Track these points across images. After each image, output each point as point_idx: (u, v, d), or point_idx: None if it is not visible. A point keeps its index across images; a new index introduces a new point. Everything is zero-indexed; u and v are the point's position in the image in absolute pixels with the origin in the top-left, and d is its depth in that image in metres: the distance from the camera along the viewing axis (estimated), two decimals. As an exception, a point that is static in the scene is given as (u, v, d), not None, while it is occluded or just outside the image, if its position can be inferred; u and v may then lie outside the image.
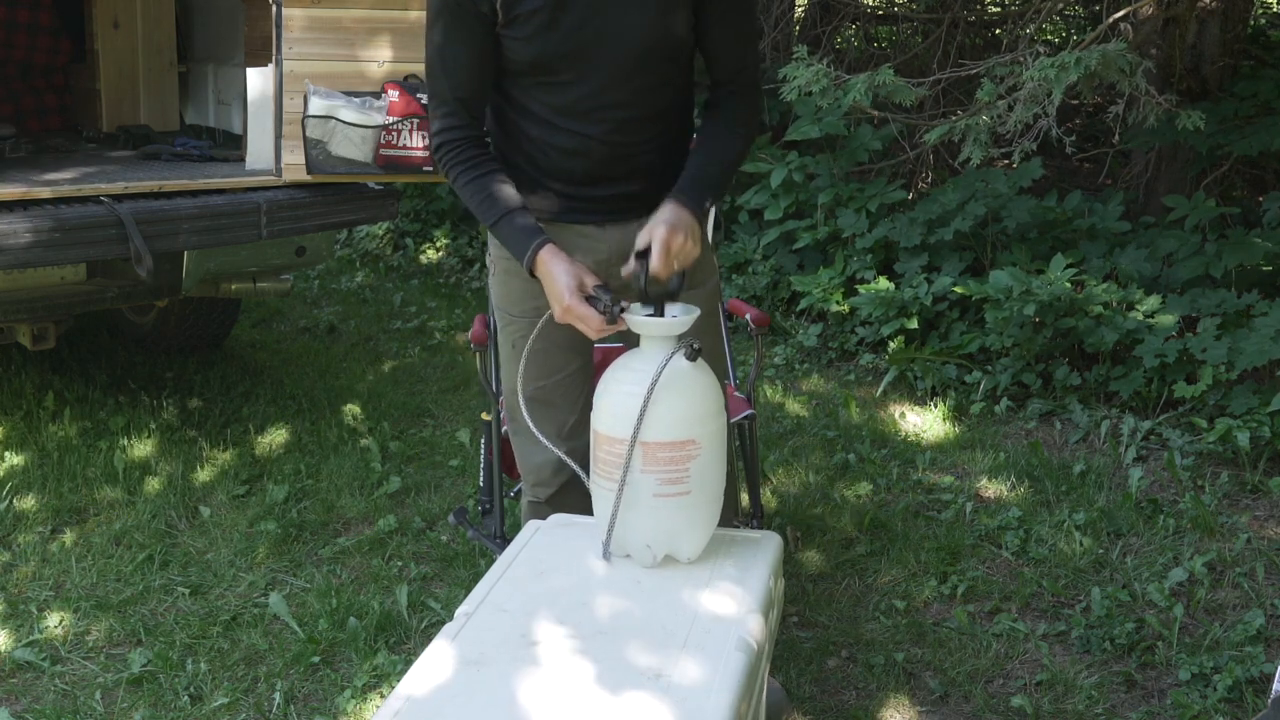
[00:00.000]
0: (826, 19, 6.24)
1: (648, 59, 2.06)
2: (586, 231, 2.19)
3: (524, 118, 2.13)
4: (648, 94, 2.10)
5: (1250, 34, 5.63)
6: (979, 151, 3.87)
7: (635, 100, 2.09)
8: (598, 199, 2.16)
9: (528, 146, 2.15)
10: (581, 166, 2.14)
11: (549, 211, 2.17)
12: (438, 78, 2.10)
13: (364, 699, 2.56)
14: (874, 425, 4.05)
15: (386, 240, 6.60)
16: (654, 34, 2.04)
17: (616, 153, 2.12)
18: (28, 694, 2.58)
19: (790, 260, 5.17)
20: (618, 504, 1.86)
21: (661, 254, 1.93)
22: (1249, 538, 3.18)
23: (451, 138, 2.10)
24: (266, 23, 3.38)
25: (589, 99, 2.07)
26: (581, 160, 2.13)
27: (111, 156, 4.01)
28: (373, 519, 3.38)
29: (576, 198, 2.17)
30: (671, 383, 1.86)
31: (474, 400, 4.27)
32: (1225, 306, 4.02)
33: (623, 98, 2.08)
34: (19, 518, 3.32)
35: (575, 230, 2.18)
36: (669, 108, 2.15)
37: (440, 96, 2.11)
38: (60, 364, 4.46)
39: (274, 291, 3.95)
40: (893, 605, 2.93)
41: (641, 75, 2.07)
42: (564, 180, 2.16)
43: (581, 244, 2.17)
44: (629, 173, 2.15)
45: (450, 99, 2.09)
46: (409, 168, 3.38)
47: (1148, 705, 2.54)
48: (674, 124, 2.18)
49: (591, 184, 2.15)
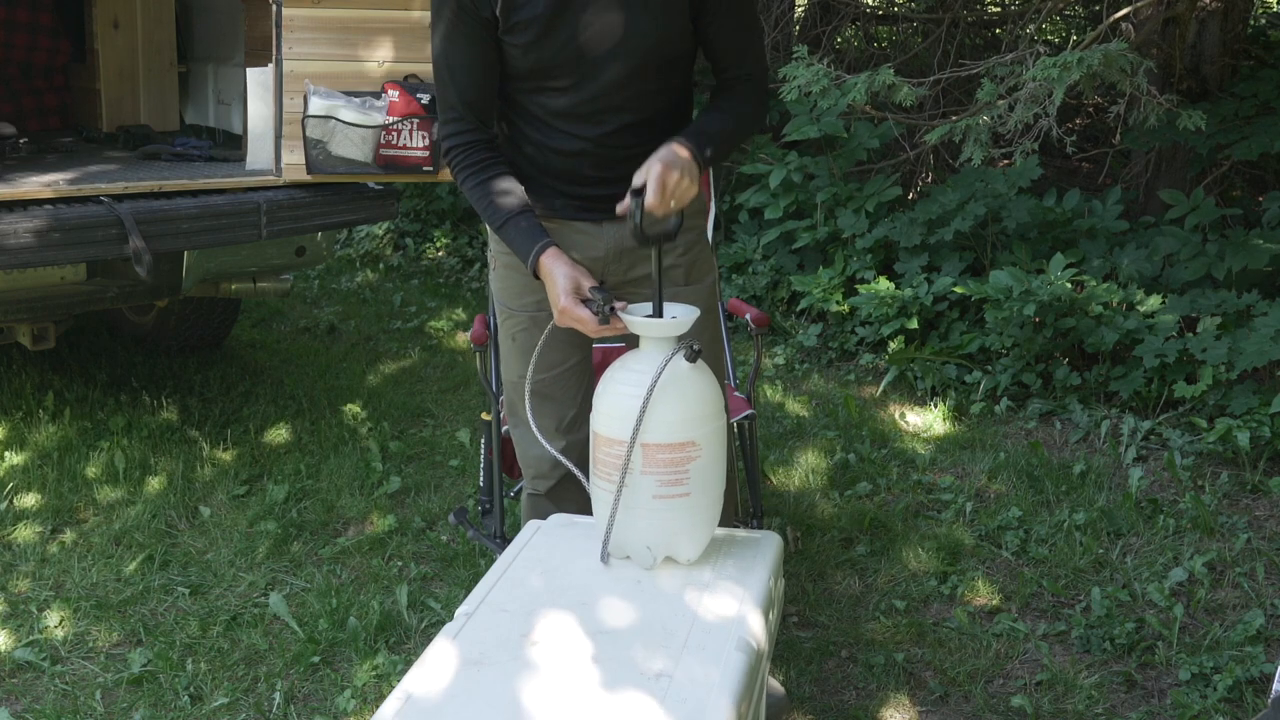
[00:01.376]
0: (826, 19, 6.24)
1: (646, 64, 2.07)
2: (585, 229, 2.21)
3: (524, 119, 2.15)
4: (646, 98, 2.11)
5: (1250, 34, 5.63)
6: (980, 152, 3.87)
7: (633, 105, 2.10)
8: (596, 198, 2.17)
9: (528, 147, 2.18)
10: (579, 168, 2.16)
11: (549, 209, 2.19)
12: (444, 83, 2.11)
13: (364, 699, 2.56)
14: (874, 425, 4.05)
15: (386, 240, 6.60)
16: (652, 39, 2.04)
17: (614, 155, 2.13)
18: (28, 694, 2.58)
19: (790, 260, 5.17)
20: (616, 506, 1.86)
21: (658, 190, 1.92)
22: (1249, 538, 3.18)
23: (458, 142, 2.12)
24: (266, 23, 3.38)
25: (587, 104, 2.09)
26: (579, 162, 2.15)
27: (111, 156, 4.01)
28: (373, 519, 3.38)
29: (575, 197, 2.19)
30: (671, 384, 1.85)
31: (474, 400, 4.27)
32: (1225, 306, 4.02)
33: (620, 102, 2.09)
34: (19, 518, 3.32)
35: (574, 227, 2.20)
36: (668, 110, 2.16)
37: (447, 101, 2.12)
38: (60, 364, 4.46)
39: (274, 291, 3.95)
40: (893, 605, 2.93)
41: (639, 80, 2.08)
42: (563, 180, 2.18)
43: (580, 241, 2.20)
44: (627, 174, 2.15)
45: (457, 103, 2.10)
46: (409, 168, 3.38)
47: (1148, 705, 2.54)
48: (672, 127, 2.18)
49: (589, 184, 2.17)
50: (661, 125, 2.14)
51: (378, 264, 6.32)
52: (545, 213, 2.18)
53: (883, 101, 4.21)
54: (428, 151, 3.35)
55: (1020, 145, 3.90)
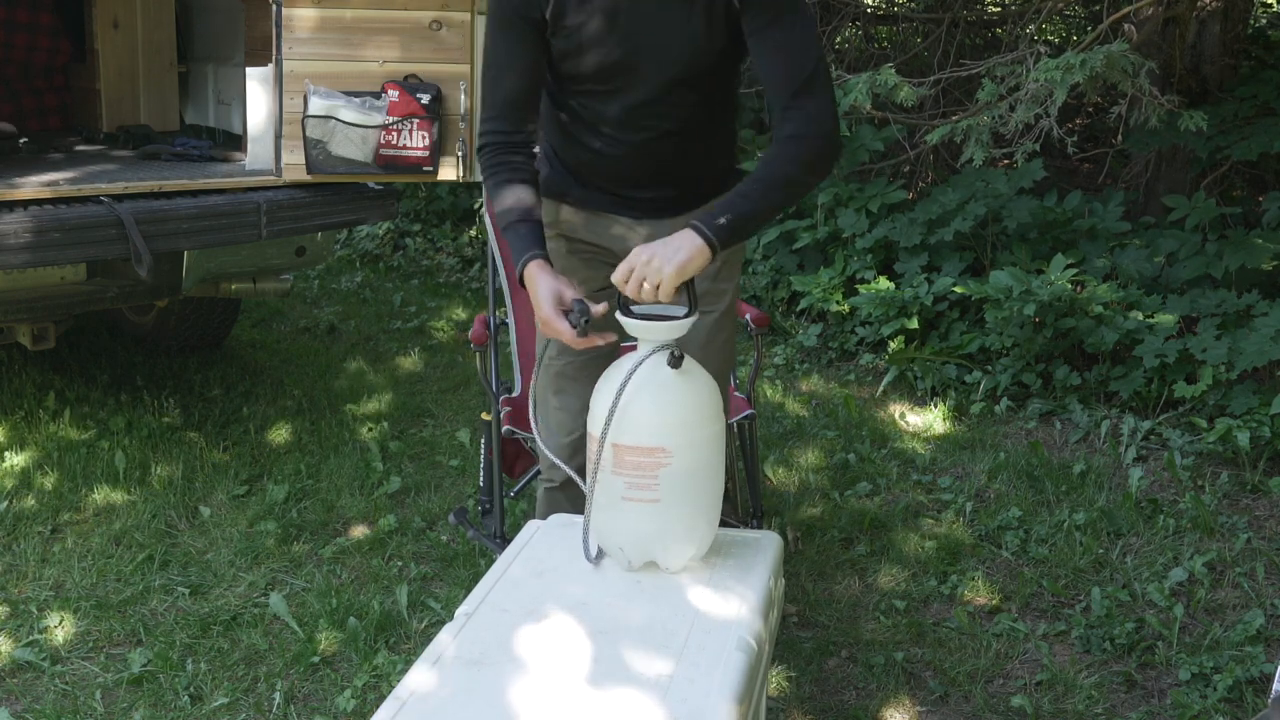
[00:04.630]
0: (826, 19, 6.23)
1: (686, 77, 2.11)
2: (624, 222, 2.29)
3: (571, 116, 2.21)
4: (686, 109, 2.16)
5: (1250, 34, 5.64)
6: (980, 152, 3.87)
7: (673, 115, 2.15)
8: (634, 200, 2.26)
9: (573, 144, 2.24)
10: (620, 169, 2.23)
11: (590, 203, 2.28)
12: (490, 80, 2.18)
13: (364, 699, 2.56)
14: (874, 425, 4.04)
15: (386, 240, 6.60)
16: (693, 52, 2.08)
17: (653, 162, 2.21)
18: (28, 694, 2.58)
19: (790, 260, 5.17)
20: (590, 502, 1.86)
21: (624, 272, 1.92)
22: (1249, 538, 3.19)
23: (491, 140, 2.17)
24: (266, 23, 3.38)
25: (628, 110, 2.13)
26: (620, 164, 2.22)
27: (111, 156, 4.01)
28: (373, 519, 3.38)
29: (615, 194, 2.26)
30: (648, 388, 1.83)
31: (474, 400, 4.27)
32: (1225, 306, 4.02)
33: (661, 111, 2.14)
34: (19, 518, 3.32)
35: (613, 219, 2.28)
36: (707, 121, 2.21)
37: (490, 99, 2.18)
38: (60, 364, 4.46)
39: (274, 291, 3.95)
40: (893, 605, 2.93)
41: (680, 91, 2.13)
42: (603, 177, 2.25)
43: (618, 232, 2.28)
44: (665, 180, 2.25)
45: (499, 102, 2.16)
46: (409, 168, 3.38)
47: (1148, 705, 2.54)
48: (712, 138, 2.24)
49: (628, 186, 2.25)
50: (701, 135, 2.20)
51: (378, 264, 6.32)
52: (588, 208, 2.27)
53: (884, 101, 4.21)
54: (428, 151, 3.36)
55: (1021, 145, 3.90)
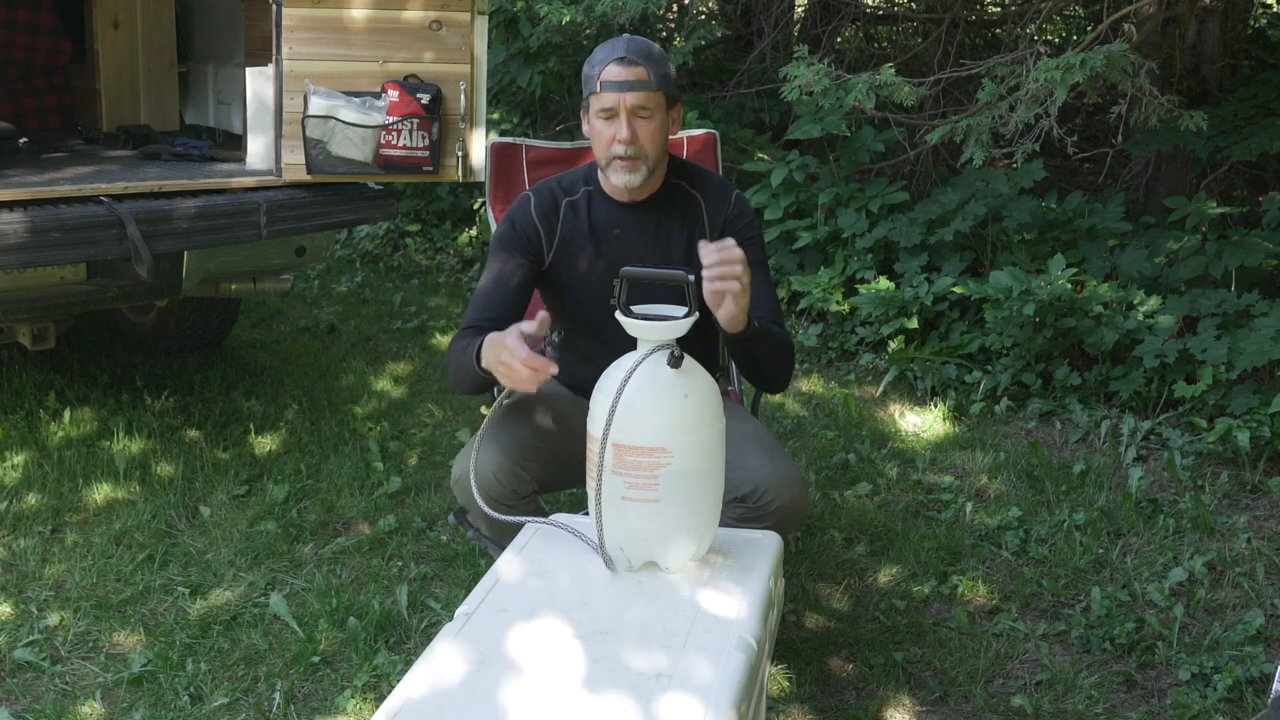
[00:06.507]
0: (826, 19, 6.24)
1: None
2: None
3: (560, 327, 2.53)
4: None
5: (1250, 34, 5.64)
6: (981, 152, 3.87)
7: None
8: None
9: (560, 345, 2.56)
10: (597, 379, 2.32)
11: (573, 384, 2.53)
12: (481, 291, 2.44)
13: (364, 699, 2.56)
14: (874, 425, 4.05)
15: (386, 240, 6.60)
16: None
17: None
18: (28, 694, 2.58)
19: (790, 260, 5.17)
20: (595, 501, 1.86)
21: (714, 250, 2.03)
22: (1249, 538, 3.19)
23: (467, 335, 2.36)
24: (266, 23, 3.38)
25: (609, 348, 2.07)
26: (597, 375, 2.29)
27: (111, 156, 4.01)
28: (373, 519, 3.38)
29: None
30: (648, 388, 1.83)
31: (474, 400, 4.27)
32: (1225, 306, 4.02)
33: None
34: (19, 518, 3.32)
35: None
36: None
37: (475, 306, 2.42)
38: (60, 364, 4.46)
39: (274, 291, 3.95)
40: (893, 605, 2.93)
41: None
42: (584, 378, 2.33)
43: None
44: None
45: (479, 318, 2.38)
46: (409, 168, 3.38)
47: (1148, 705, 2.54)
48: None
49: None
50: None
51: (378, 264, 6.32)
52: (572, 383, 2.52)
53: (884, 101, 4.20)
54: (428, 151, 3.36)
55: (1021, 145, 3.90)
